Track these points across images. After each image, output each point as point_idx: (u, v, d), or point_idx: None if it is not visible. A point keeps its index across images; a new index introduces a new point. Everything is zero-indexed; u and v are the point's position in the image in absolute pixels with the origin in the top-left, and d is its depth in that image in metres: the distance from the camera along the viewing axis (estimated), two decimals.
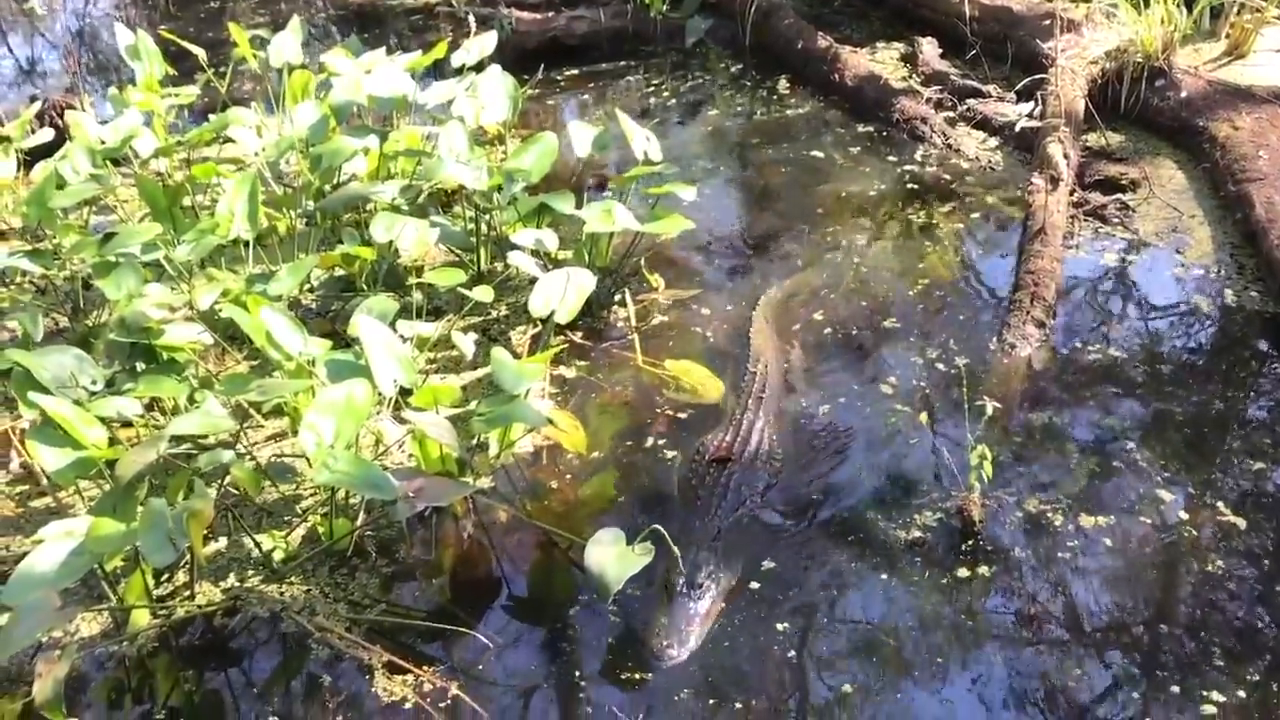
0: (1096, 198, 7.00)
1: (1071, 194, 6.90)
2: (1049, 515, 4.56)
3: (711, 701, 3.85)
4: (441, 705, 3.86)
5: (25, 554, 3.80)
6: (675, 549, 4.13)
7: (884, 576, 4.33)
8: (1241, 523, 4.48)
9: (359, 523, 4.54)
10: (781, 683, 3.96)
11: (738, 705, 3.84)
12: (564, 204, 5.98)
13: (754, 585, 4.32)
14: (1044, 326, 5.71)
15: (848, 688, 3.88)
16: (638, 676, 3.95)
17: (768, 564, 4.40)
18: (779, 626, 4.14)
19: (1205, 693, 3.79)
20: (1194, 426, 5.06)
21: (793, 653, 4.04)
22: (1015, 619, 4.15)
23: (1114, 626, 4.10)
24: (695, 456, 4.87)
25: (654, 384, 5.53)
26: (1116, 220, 6.82)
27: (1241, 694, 3.78)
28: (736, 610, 4.21)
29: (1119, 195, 7.05)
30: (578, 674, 4.00)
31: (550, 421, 4.56)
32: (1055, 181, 6.76)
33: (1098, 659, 3.97)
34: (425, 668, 3.99)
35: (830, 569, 4.40)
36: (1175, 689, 3.82)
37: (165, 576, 4.39)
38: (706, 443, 4.93)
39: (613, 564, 3.86)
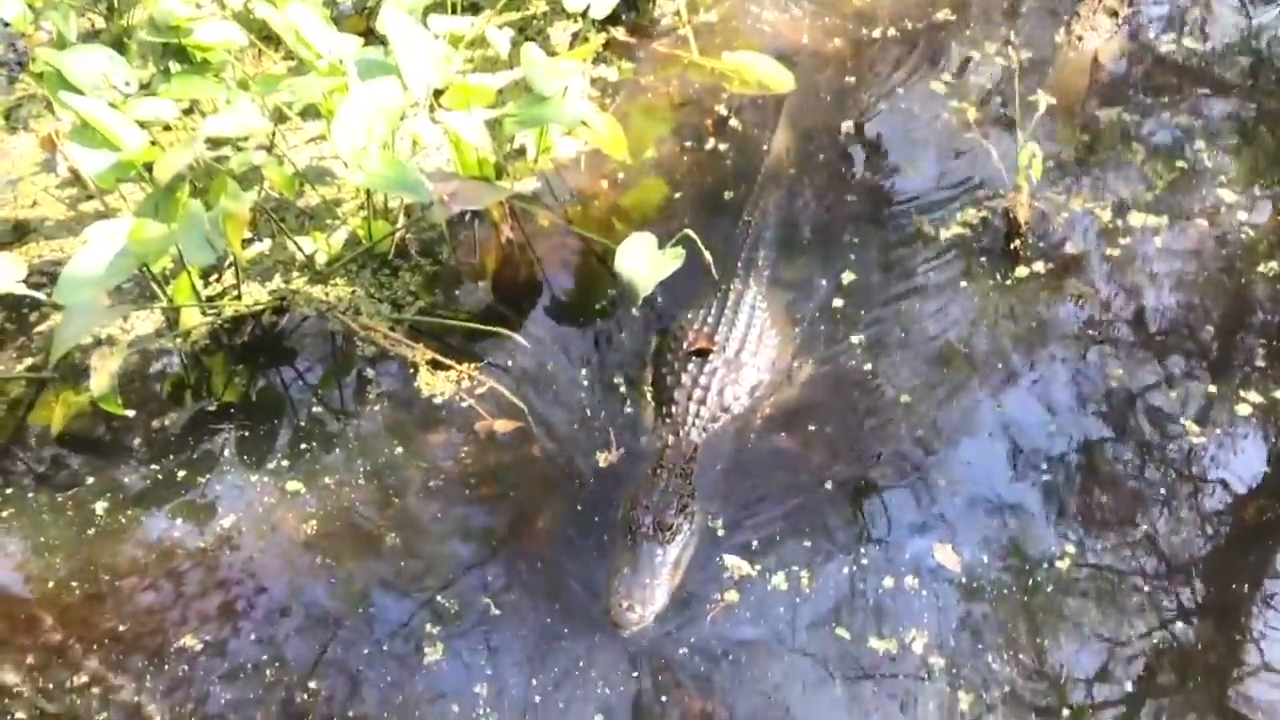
0: None
1: None
2: (1097, 214, 4.41)
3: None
4: (476, 397, 3.99)
5: None
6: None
7: (924, 274, 4.28)
8: None
9: (399, 226, 4.55)
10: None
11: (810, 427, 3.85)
12: None
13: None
14: (1117, 16, 5.32)
15: (906, 398, 3.91)
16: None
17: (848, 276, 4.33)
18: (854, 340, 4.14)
19: (1243, 392, 3.77)
20: (1271, 130, 4.77)
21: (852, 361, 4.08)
22: (1053, 318, 4.11)
23: (1155, 327, 4.05)
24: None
25: (708, 84, 5.30)
26: None
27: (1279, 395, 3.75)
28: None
29: None
30: (608, 373, 4.09)
31: (584, 122, 4.44)
32: None
33: (1133, 357, 3.94)
34: (465, 364, 4.10)
35: (868, 270, 4.35)
36: (1212, 388, 3.80)
37: (214, 278, 4.50)
38: (684, 327, 4.00)
39: (643, 269, 3.84)
